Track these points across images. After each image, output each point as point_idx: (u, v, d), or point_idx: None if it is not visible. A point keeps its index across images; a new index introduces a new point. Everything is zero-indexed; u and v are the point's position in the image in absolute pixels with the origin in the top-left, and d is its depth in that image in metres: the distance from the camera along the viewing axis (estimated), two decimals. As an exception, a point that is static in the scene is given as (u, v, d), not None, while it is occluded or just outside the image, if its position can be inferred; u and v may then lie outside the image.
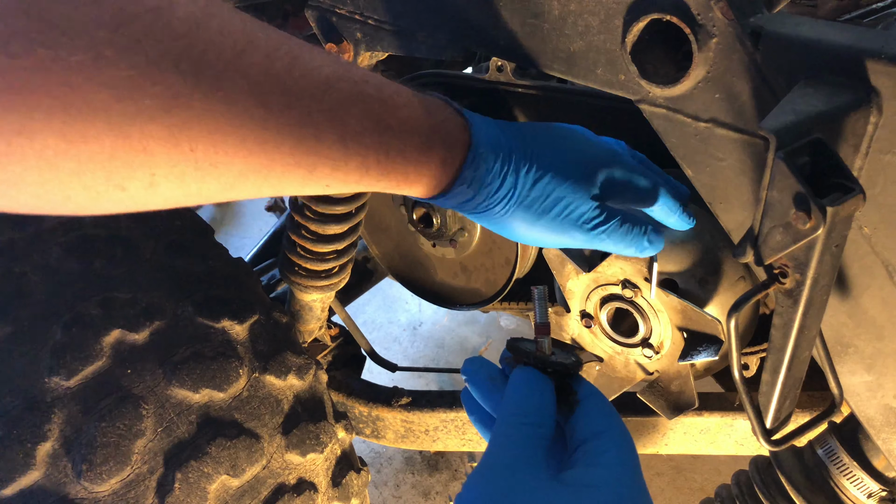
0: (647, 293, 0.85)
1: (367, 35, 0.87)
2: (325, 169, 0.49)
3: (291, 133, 0.45)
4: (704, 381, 1.08)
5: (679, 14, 0.60)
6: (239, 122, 0.42)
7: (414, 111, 0.55)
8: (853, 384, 0.70)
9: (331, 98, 0.48)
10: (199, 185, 0.43)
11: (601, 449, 0.48)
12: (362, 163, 0.51)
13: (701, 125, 0.66)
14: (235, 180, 0.45)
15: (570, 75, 0.73)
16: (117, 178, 0.39)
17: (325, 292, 1.19)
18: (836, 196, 0.50)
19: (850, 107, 0.54)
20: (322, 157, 0.48)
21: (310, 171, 0.48)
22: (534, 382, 0.52)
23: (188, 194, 0.43)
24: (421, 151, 0.56)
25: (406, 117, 0.54)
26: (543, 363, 0.54)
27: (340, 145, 0.49)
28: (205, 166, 0.42)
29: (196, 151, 0.41)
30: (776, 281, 0.55)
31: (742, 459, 1.00)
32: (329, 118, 0.47)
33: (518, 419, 0.49)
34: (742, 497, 0.89)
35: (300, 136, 0.46)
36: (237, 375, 0.92)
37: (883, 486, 0.77)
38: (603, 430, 0.49)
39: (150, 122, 0.38)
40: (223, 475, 0.86)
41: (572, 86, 1.22)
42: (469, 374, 0.58)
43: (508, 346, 0.58)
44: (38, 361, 0.81)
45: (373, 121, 0.51)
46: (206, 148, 0.41)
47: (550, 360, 0.55)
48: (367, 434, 1.37)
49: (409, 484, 1.91)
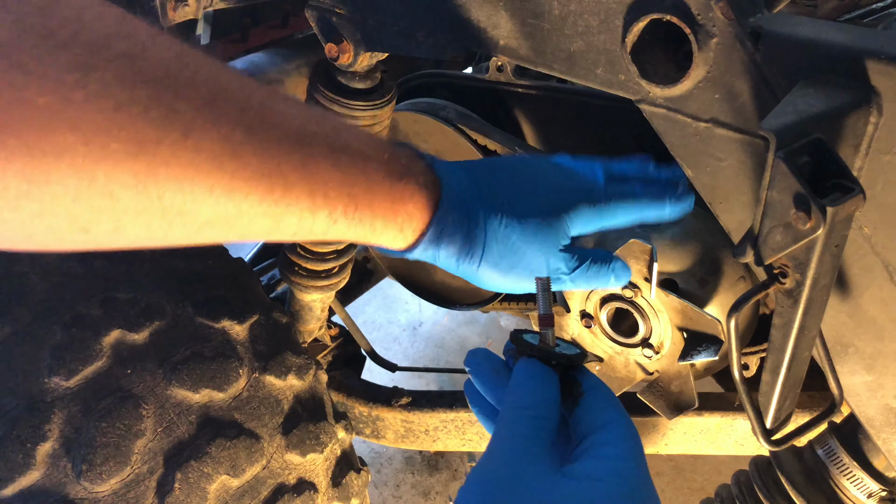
0: (647, 293, 0.85)
1: (367, 35, 0.87)
2: (293, 219, 0.49)
3: (260, 183, 0.45)
4: (704, 381, 1.08)
5: (679, 14, 0.60)
6: (207, 171, 0.42)
7: (383, 166, 0.55)
8: (853, 384, 0.70)
9: (301, 151, 0.48)
10: (164, 231, 0.43)
11: (606, 441, 0.47)
12: (329, 215, 0.51)
13: (701, 125, 0.66)
14: (202, 227, 0.45)
15: (570, 75, 0.73)
16: (81, 220, 0.39)
17: (325, 292, 1.19)
18: (836, 196, 0.50)
19: (850, 107, 0.54)
20: (290, 209, 0.48)
21: (277, 221, 0.48)
22: (538, 374, 0.52)
23: (153, 238, 0.43)
24: (387, 206, 0.56)
25: (374, 171, 0.54)
26: (547, 355, 0.54)
27: (308, 198, 0.49)
28: (171, 214, 0.42)
29: (163, 199, 0.41)
30: (776, 281, 0.55)
31: (742, 459, 1.00)
32: (298, 170, 0.48)
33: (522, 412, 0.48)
34: (742, 497, 0.89)
35: (269, 186, 0.46)
36: (237, 375, 0.92)
37: (883, 486, 0.77)
38: (608, 422, 0.49)
39: (116, 167, 0.38)
40: (223, 475, 0.86)
41: (572, 86, 1.22)
42: (473, 366, 0.58)
43: (512, 337, 0.57)
44: (38, 361, 0.81)
45: (342, 173, 0.51)
46: (173, 195, 0.41)
47: (554, 352, 0.54)
48: (367, 434, 1.37)
49: (409, 484, 1.91)
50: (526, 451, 0.46)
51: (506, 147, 1.18)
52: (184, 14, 0.90)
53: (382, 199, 0.55)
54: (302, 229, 0.51)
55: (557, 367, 0.54)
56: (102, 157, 0.37)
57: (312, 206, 0.50)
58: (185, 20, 0.91)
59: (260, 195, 0.45)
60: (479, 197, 0.63)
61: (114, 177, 0.38)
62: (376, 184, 0.54)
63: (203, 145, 0.41)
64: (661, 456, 1.87)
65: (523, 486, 0.43)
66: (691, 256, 0.87)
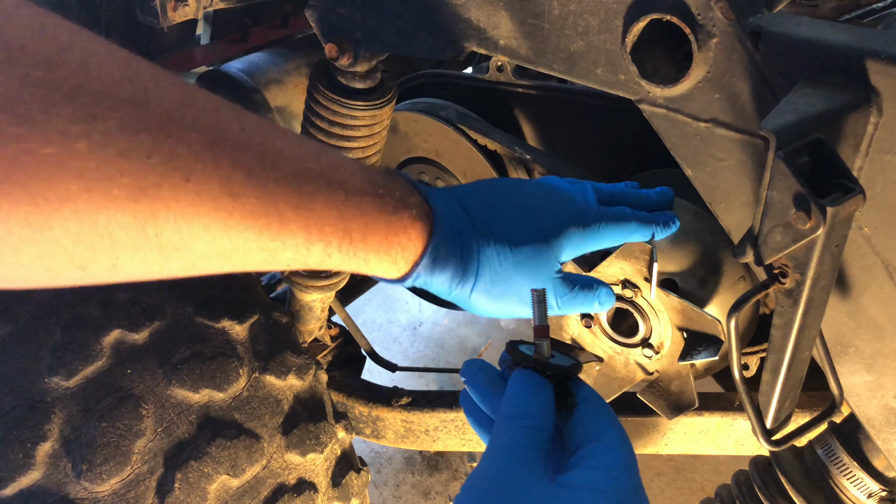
0: (647, 293, 0.85)
1: (367, 35, 0.87)
2: (288, 253, 0.50)
3: (256, 221, 0.46)
4: (704, 381, 1.08)
5: (679, 14, 0.60)
6: (205, 212, 0.43)
7: (378, 200, 0.56)
8: (853, 384, 0.70)
9: (298, 190, 0.49)
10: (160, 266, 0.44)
11: (599, 452, 0.48)
12: (324, 249, 0.53)
13: (701, 125, 0.66)
14: (197, 261, 0.46)
15: (570, 75, 0.73)
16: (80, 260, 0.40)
17: (325, 292, 1.19)
18: (836, 196, 0.50)
19: (850, 107, 0.54)
20: (286, 244, 0.50)
21: (272, 255, 0.50)
22: (533, 385, 0.52)
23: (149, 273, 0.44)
24: (381, 239, 0.57)
25: (370, 206, 0.55)
26: (542, 366, 0.54)
27: (304, 233, 0.50)
28: (168, 250, 0.43)
29: (160, 237, 0.42)
30: (776, 281, 0.55)
31: (742, 459, 1.00)
32: (295, 207, 0.49)
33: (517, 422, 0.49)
34: (742, 497, 0.89)
35: (265, 224, 0.47)
36: (237, 375, 0.92)
37: (883, 486, 0.77)
38: (601, 433, 0.50)
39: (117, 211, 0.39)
40: (223, 475, 0.86)
41: (572, 86, 1.22)
42: (468, 377, 0.58)
43: (507, 348, 0.58)
44: (38, 361, 0.81)
45: (338, 210, 0.52)
46: (170, 234, 0.42)
47: (549, 364, 0.55)
48: (367, 434, 1.37)
49: (409, 484, 1.91)
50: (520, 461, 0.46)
51: (506, 147, 1.18)
52: (184, 14, 0.90)
53: (377, 233, 0.56)
54: (296, 262, 0.52)
55: (552, 377, 0.54)
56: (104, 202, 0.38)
57: (308, 240, 0.51)
58: (185, 20, 0.91)
59: (257, 232, 0.47)
60: (471, 225, 0.64)
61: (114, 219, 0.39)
62: (371, 218, 0.55)
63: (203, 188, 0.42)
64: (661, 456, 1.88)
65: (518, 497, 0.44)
66: (691, 256, 0.87)
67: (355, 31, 0.87)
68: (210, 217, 0.43)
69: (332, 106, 0.95)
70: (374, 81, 0.97)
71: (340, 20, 0.87)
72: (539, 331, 0.56)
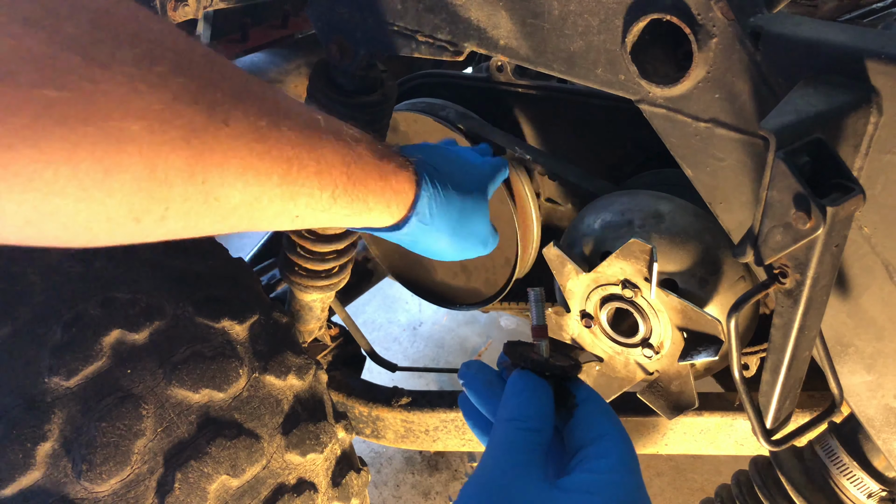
0: (647, 293, 0.85)
1: (367, 35, 0.87)
2: (303, 199, 0.55)
3: (280, 166, 0.50)
4: (704, 381, 1.08)
5: (679, 14, 0.60)
6: (241, 155, 0.47)
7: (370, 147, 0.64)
8: (853, 384, 0.70)
9: (311, 137, 0.54)
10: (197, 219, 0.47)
11: (600, 453, 0.47)
12: (332, 193, 0.58)
13: (701, 125, 0.66)
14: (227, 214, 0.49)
15: (570, 75, 0.73)
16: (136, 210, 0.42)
17: (325, 292, 1.19)
18: (836, 196, 0.50)
19: (850, 107, 0.54)
20: (302, 189, 0.54)
21: (289, 201, 0.54)
22: (531, 387, 0.52)
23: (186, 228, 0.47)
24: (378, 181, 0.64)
25: (365, 152, 0.62)
26: (541, 367, 0.54)
27: (317, 176, 0.55)
28: (210, 199, 0.46)
29: (206, 183, 0.45)
30: (776, 281, 0.55)
31: (742, 459, 1.00)
32: (309, 151, 0.54)
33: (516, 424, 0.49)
34: (742, 497, 0.89)
35: (287, 168, 0.51)
36: (237, 375, 0.92)
37: (883, 486, 0.77)
38: (602, 433, 0.49)
39: (172, 153, 0.41)
40: (223, 475, 0.86)
41: (572, 86, 1.22)
42: (466, 379, 0.58)
43: (506, 349, 0.57)
44: (38, 361, 0.81)
45: (341, 155, 0.58)
46: (214, 179, 0.45)
47: (548, 364, 0.54)
48: (367, 434, 1.37)
49: (409, 484, 1.91)
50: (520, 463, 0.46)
51: (506, 147, 1.18)
52: (184, 14, 0.90)
53: (374, 177, 0.63)
54: (309, 209, 0.57)
55: (551, 378, 0.53)
56: (162, 143, 0.41)
57: (320, 184, 0.56)
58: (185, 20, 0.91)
59: (280, 176, 0.51)
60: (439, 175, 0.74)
61: (170, 163, 0.42)
62: (367, 163, 0.62)
63: (238, 132, 0.46)
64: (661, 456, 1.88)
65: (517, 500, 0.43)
66: (691, 256, 0.87)
67: (355, 31, 0.87)
68: (244, 161, 0.47)
69: (333, 106, 0.95)
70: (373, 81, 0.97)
71: (340, 20, 0.87)
72: (537, 331, 0.56)
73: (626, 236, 0.85)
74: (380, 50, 0.88)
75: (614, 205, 0.95)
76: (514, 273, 1.23)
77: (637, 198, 0.94)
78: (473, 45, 0.79)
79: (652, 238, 0.88)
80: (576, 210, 1.19)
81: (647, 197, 0.93)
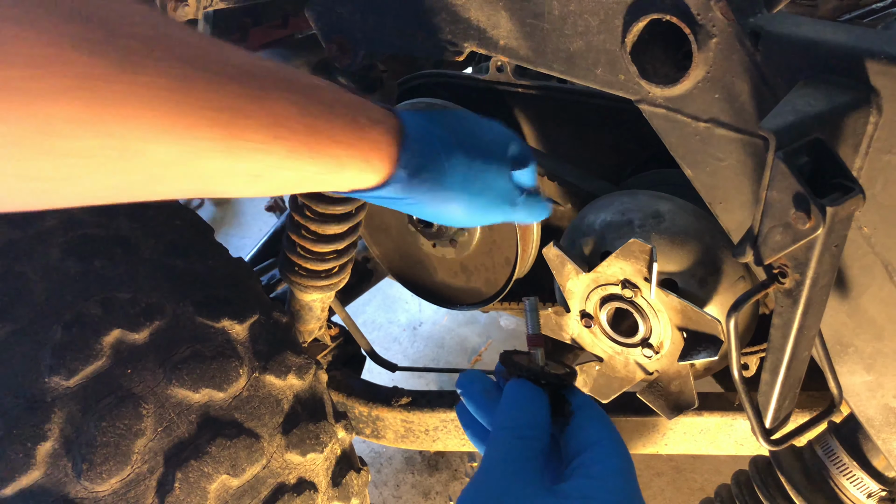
0: (647, 293, 0.85)
1: (367, 35, 0.87)
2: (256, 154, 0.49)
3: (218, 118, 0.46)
4: (704, 381, 1.08)
5: (679, 14, 0.60)
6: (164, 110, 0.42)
7: (338, 94, 0.56)
8: (853, 384, 0.70)
9: (254, 83, 0.49)
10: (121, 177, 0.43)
11: (596, 459, 0.48)
12: (291, 147, 0.51)
13: (701, 125, 0.66)
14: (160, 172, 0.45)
15: (570, 75, 0.73)
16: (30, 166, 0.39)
17: (325, 292, 1.19)
18: (835, 196, 0.50)
19: (850, 107, 0.54)
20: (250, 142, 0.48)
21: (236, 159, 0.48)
22: (527, 395, 0.52)
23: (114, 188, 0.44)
24: (350, 133, 0.56)
25: (331, 100, 0.54)
26: (537, 375, 0.54)
27: (265, 129, 0.49)
28: (129, 155, 0.42)
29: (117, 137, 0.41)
30: (776, 281, 0.55)
31: (742, 459, 1.00)
32: (253, 102, 0.48)
33: (512, 432, 0.49)
34: (742, 497, 0.89)
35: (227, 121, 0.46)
36: (237, 375, 0.92)
37: (883, 486, 0.77)
38: (598, 440, 0.49)
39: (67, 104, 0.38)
40: (223, 475, 0.86)
41: (572, 86, 1.22)
42: (464, 388, 0.58)
43: (501, 358, 0.58)
44: (38, 361, 0.81)
45: (297, 105, 0.52)
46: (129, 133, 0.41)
47: (544, 372, 0.55)
48: (367, 434, 1.37)
49: (409, 484, 1.91)
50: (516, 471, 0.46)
51: (506, 147, 1.18)
52: (184, 14, 0.90)
53: (343, 127, 0.55)
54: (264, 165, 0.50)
55: (547, 386, 0.54)
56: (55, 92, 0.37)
57: (274, 137, 0.50)
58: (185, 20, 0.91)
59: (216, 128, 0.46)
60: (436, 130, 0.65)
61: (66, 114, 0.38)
62: (333, 113, 0.54)
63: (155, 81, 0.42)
64: (661, 456, 1.88)
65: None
66: (691, 256, 0.87)
67: (355, 31, 0.88)
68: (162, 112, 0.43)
69: (332, 106, 0.95)
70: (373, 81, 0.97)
71: (340, 20, 0.87)
72: (533, 339, 0.56)
73: (626, 236, 0.85)
74: (380, 50, 0.88)
75: (614, 205, 0.95)
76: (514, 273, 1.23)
77: (637, 198, 0.94)
78: (473, 45, 0.79)
79: (652, 238, 0.88)
80: (576, 210, 1.19)
81: (647, 197, 0.93)
